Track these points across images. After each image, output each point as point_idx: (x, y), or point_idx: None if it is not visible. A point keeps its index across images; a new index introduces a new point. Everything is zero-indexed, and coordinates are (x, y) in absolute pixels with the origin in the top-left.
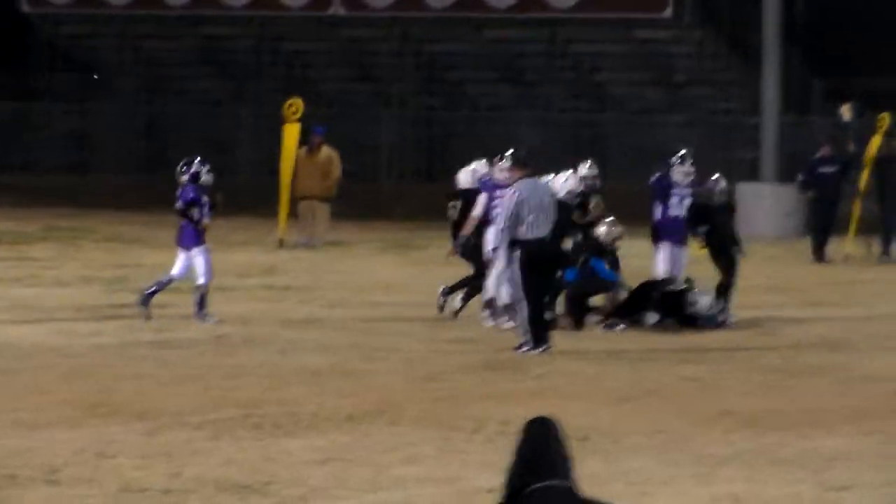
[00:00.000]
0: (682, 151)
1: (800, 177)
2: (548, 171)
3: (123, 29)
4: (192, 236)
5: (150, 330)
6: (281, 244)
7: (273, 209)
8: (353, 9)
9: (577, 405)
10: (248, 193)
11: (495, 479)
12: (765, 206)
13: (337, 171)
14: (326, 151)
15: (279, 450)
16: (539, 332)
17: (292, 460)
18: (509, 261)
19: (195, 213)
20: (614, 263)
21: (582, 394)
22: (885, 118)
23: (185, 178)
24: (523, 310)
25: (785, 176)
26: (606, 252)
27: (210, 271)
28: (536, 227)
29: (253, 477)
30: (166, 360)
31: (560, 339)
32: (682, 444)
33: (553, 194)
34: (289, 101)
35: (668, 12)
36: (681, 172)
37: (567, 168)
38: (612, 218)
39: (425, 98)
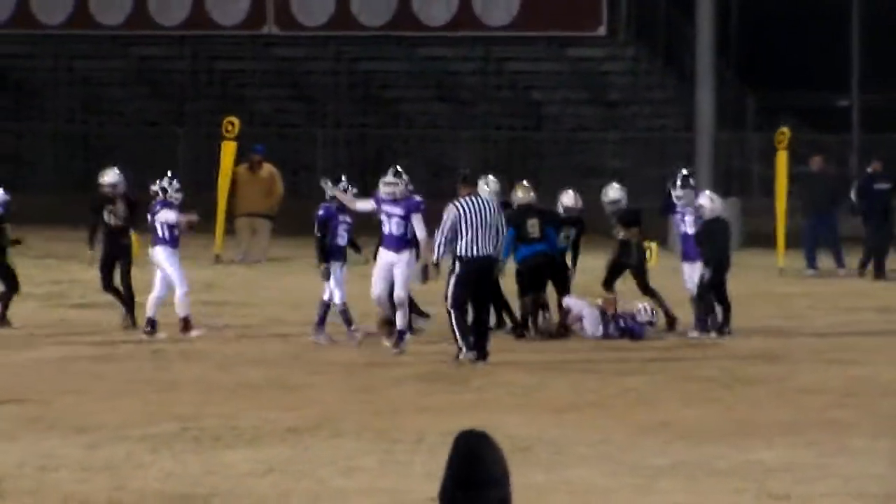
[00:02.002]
0: (682, 172)
1: (853, 197)
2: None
3: (57, 49)
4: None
5: (87, 345)
6: (217, 260)
7: (209, 226)
8: (287, 28)
9: (517, 416)
10: (184, 210)
11: (437, 490)
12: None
13: (279, 187)
14: (268, 168)
15: (220, 462)
16: (468, 339)
17: (234, 473)
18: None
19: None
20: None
21: (522, 405)
22: (785, 133)
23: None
24: (451, 320)
25: (720, 190)
26: (563, 224)
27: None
28: (478, 245)
29: (195, 490)
30: (104, 374)
31: (498, 351)
32: (623, 455)
33: (499, 214)
34: (226, 119)
35: (602, 30)
36: (676, 195)
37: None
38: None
39: (360, 117)
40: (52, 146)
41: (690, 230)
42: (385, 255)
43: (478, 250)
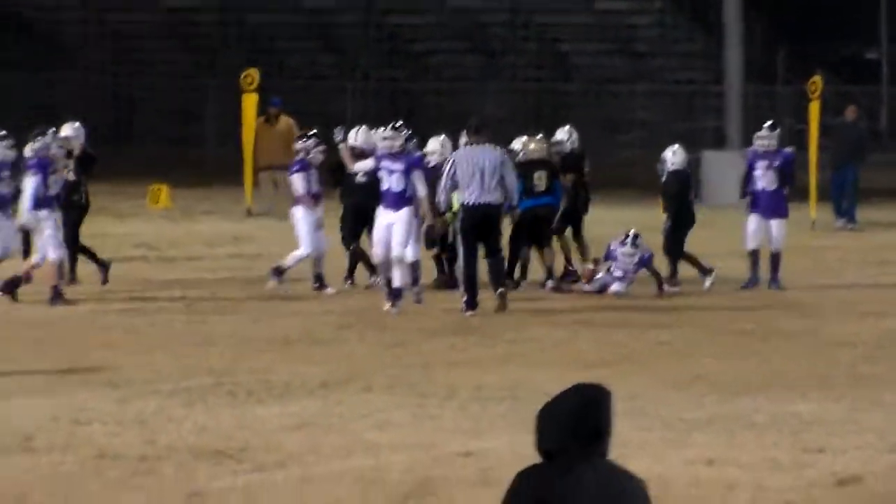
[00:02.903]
0: (767, 123)
1: None
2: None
3: (87, 1)
4: None
5: (119, 299)
6: (249, 213)
7: (240, 179)
8: None
9: (548, 371)
10: (214, 164)
11: (470, 444)
12: (729, 174)
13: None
14: (285, 121)
15: (252, 417)
16: (471, 295)
17: (266, 427)
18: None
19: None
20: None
21: (553, 360)
22: (817, 82)
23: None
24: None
25: (749, 144)
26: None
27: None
28: (478, 192)
29: (227, 444)
30: (136, 328)
31: (528, 304)
32: (657, 409)
33: (502, 161)
34: (245, 72)
35: None
36: (757, 141)
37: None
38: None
39: (389, 69)
40: (81, 97)
41: (768, 184)
42: (384, 215)
43: (477, 197)
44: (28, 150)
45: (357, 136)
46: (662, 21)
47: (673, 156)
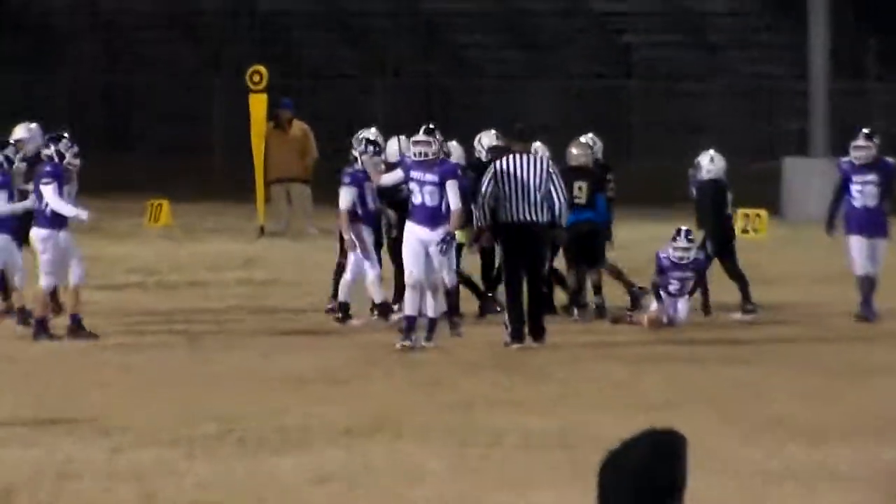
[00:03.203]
0: (863, 131)
1: None
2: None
3: None
4: None
5: (112, 332)
6: (262, 232)
7: (251, 193)
8: None
9: (606, 414)
10: (221, 175)
11: (517, 499)
12: (815, 184)
13: (314, 146)
14: (299, 126)
15: (266, 470)
16: (516, 327)
17: (282, 482)
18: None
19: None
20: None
21: (612, 401)
22: None
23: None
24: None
25: (837, 149)
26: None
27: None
28: (519, 209)
29: (237, 501)
30: (133, 365)
31: (585, 337)
32: (729, 458)
33: (551, 173)
34: (251, 69)
35: None
36: (854, 152)
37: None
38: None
39: (423, 65)
40: (72, 98)
41: (868, 201)
42: (416, 232)
43: (518, 215)
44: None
45: (393, 146)
46: (739, 8)
47: (710, 162)
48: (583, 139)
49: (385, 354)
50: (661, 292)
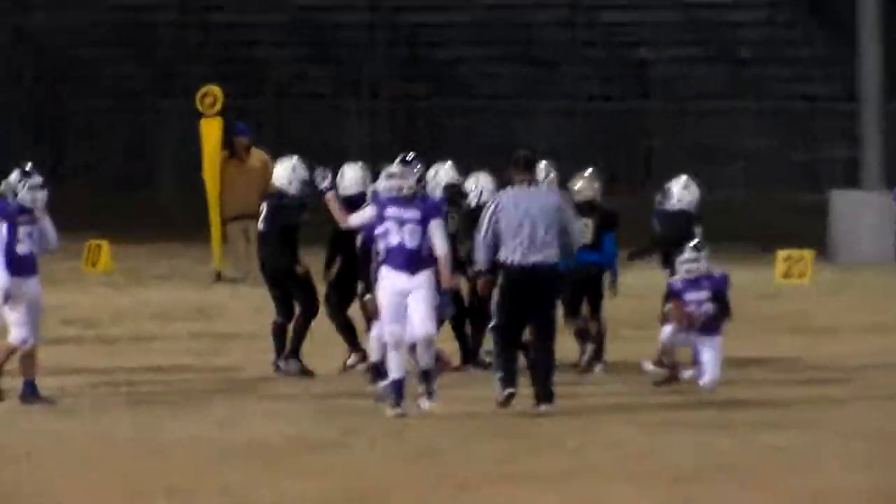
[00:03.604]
0: None
1: None
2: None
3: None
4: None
5: (46, 392)
6: (218, 278)
7: (205, 232)
8: None
9: (626, 488)
10: (172, 211)
11: None
12: (866, 219)
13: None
14: (258, 155)
15: None
16: (507, 369)
17: None
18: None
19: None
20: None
21: (633, 473)
22: None
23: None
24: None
25: (892, 180)
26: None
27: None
28: (524, 248)
29: None
30: (66, 434)
31: (597, 398)
32: None
33: (559, 207)
34: (202, 90)
35: None
36: None
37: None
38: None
39: (405, 84)
40: None
41: None
42: (394, 280)
43: (523, 256)
44: None
45: (346, 179)
46: (773, 18)
47: (683, 190)
48: (586, 173)
49: (366, 420)
50: (684, 333)
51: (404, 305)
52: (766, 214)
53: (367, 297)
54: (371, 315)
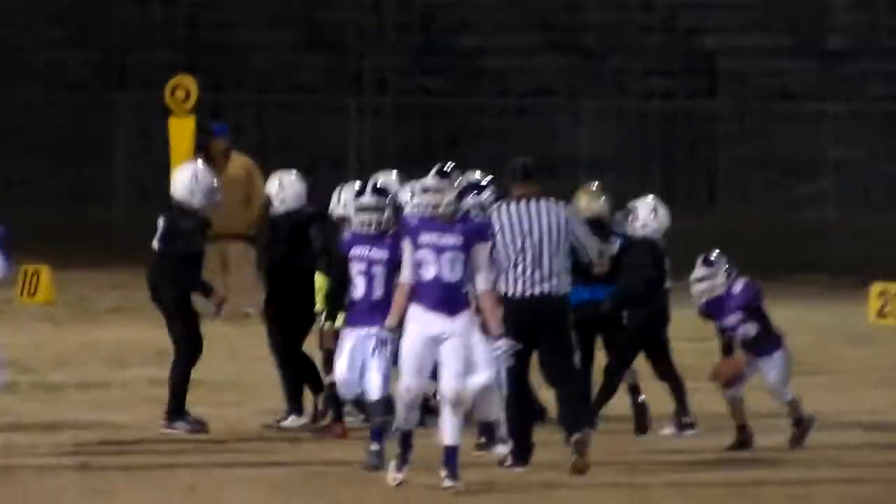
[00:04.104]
0: None
1: None
2: (624, 196)
3: None
4: None
5: None
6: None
7: None
8: None
9: None
10: (126, 230)
11: None
12: None
13: (259, 190)
14: (239, 162)
15: None
16: (521, 441)
17: None
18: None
19: None
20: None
21: None
22: None
23: None
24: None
25: None
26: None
27: None
28: (524, 278)
29: None
30: None
31: (649, 466)
32: None
33: (567, 221)
34: (172, 81)
35: None
36: None
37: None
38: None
39: (418, 77)
40: None
41: None
42: (426, 322)
43: (526, 285)
44: None
45: (344, 197)
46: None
47: (651, 214)
48: (592, 186)
49: (364, 488)
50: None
51: (432, 356)
52: (860, 239)
53: (326, 325)
54: (329, 350)
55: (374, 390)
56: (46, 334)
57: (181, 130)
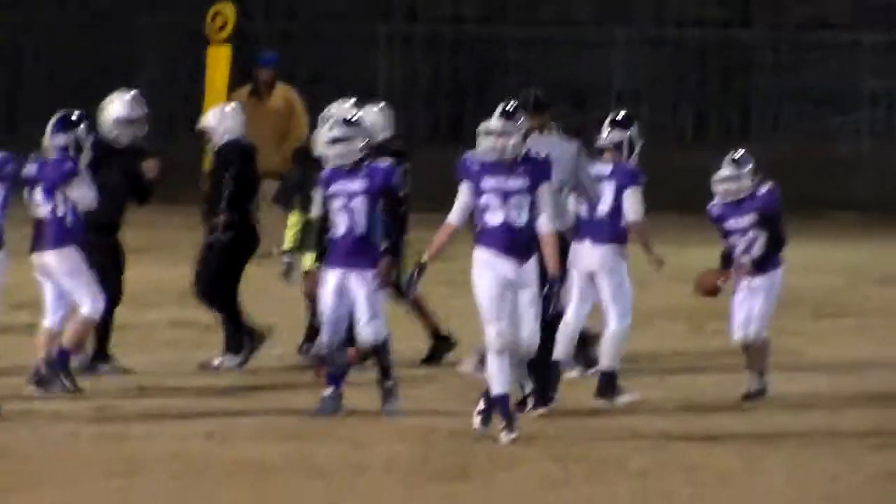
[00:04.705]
0: None
1: None
2: (659, 127)
3: None
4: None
5: None
6: None
7: (195, 192)
8: None
9: None
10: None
11: None
12: None
13: (302, 124)
14: (283, 93)
15: None
16: (543, 383)
17: None
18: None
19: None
20: None
21: (717, 502)
22: None
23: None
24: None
25: None
26: None
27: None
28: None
29: None
30: (12, 447)
31: (671, 412)
32: None
33: (577, 157)
34: (213, 10)
35: None
36: None
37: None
38: None
39: (449, 6)
40: None
41: None
42: (497, 267)
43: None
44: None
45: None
46: None
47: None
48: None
49: (383, 435)
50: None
51: (511, 300)
52: (894, 174)
53: (315, 266)
54: (312, 293)
55: (376, 333)
56: None
57: (218, 60)
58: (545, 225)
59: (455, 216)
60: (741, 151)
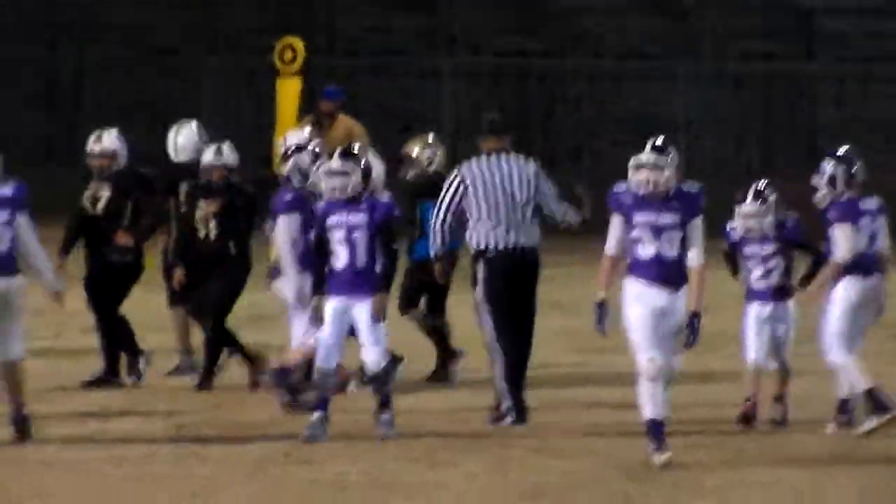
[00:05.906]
0: None
1: None
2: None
3: None
4: None
5: (62, 420)
6: (270, 277)
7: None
8: None
9: None
10: None
11: None
12: None
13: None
14: (344, 123)
15: None
16: (518, 396)
17: None
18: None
19: None
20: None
21: None
22: None
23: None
24: (495, 361)
25: None
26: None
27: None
28: (505, 230)
29: None
30: (97, 468)
31: (744, 435)
32: None
33: (535, 174)
34: (282, 43)
35: None
36: None
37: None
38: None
39: (514, 38)
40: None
41: None
42: (650, 296)
43: (509, 238)
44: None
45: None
46: None
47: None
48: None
49: (456, 454)
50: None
51: (661, 327)
52: None
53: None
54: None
55: (377, 361)
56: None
57: (287, 92)
58: (695, 259)
59: (612, 248)
60: (764, 182)
